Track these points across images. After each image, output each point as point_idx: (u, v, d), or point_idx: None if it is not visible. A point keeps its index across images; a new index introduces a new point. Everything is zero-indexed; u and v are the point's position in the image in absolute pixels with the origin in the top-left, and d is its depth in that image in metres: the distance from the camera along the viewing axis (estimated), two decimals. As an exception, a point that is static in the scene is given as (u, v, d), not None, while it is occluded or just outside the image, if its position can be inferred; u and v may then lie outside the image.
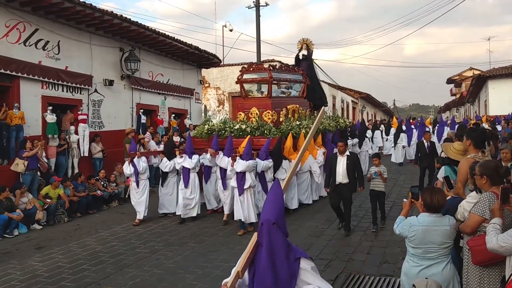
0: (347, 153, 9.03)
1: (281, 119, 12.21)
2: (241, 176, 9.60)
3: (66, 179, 12.08)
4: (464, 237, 4.09)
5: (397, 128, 19.70)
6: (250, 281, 2.78)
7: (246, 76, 12.93)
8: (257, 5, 22.58)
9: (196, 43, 19.43)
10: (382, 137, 22.73)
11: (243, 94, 13.00)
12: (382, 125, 25.16)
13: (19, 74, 11.76)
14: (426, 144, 12.69)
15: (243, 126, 11.45)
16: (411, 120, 24.07)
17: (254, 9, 22.66)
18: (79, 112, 13.71)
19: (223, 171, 10.24)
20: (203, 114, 21.40)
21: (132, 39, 15.84)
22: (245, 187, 9.58)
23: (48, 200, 11.10)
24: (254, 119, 11.90)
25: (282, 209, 2.81)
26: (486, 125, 18.31)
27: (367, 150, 16.73)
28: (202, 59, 20.38)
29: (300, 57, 15.47)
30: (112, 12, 13.98)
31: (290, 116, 12.62)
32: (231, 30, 30.37)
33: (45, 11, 12.42)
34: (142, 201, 10.76)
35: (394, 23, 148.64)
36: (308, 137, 3.80)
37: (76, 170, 13.05)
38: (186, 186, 10.49)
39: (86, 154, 13.57)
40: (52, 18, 12.82)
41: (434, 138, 20.39)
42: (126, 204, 12.43)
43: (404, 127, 19.95)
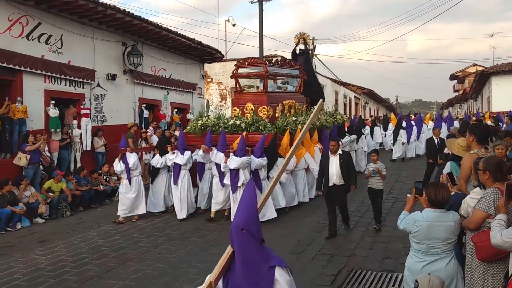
0: (340, 152, 8.54)
1: (277, 115, 11.98)
2: (235, 173, 9.38)
3: (69, 173, 12.11)
4: (467, 233, 4.08)
5: (397, 125, 19.48)
6: None
7: (242, 71, 12.68)
8: (260, 0, 22.51)
9: (199, 38, 19.47)
10: (381, 133, 22.54)
11: (238, 89, 12.82)
12: (376, 121, 24.93)
13: (22, 68, 11.75)
14: (436, 140, 12.64)
15: (238, 122, 11.18)
16: (412, 116, 23.86)
17: (257, 4, 22.59)
18: (82, 107, 13.72)
19: (220, 167, 9.87)
20: (206, 109, 21.38)
21: (135, 34, 15.82)
22: (239, 185, 9.36)
23: (51, 194, 11.13)
24: (249, 115, 11.64)
25: (254, 213, 2.58)
26: (489, 122, 18.24)
27: (363, 148, 16.42)
28: (205, 54, 20.34)
29: (297, 52, 15.18)
30: (115, 7, 13.95)
31: (286, 112, 12.36)
32: (234, 25, 30.30)
33: (48, 5, 12.39)
34: (139, 198, 10.46)
35: (397, 19, 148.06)
36: (303, 130, 3.67)
37: (79, 164, 13.08)
38: (176, 183, 10.32)
39: (89, 149, 13.60)
40: (55, 12, 12.80)
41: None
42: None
43: (405, 124, 19.76)
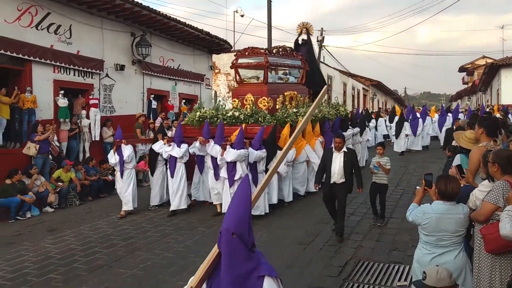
0: (344, 149, 8.02)
1: (278, 106, 11.68)
2: (232, 166, 9.11)
3: (78, 163, 12.20)
4: (476, 225, 4.08)
5: (400, 117, 18.99)
6: None
7: (241, 61, 12.40)
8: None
9: (207, 29, 19.45)
10: (386, 126, 22.32)
11: (238, 80, 12.54)
12: (381, 113, 24.64)
13: (31, 58, 11.80)
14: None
15: (236, 113, 10.88)
16: (416, 108, 23.65)
17: (266, -6, 22.41)
18: (91, 97, 13.78)
19: (215, 160, 9.62)
20: (213, 100, 21.39)
21: (144, 24, 15.81)
22: (236, 178, 9.08)
23: (60, 184, 11.22)
24: (249, 106, 11.36)
25: (246, 216, 2.38)
26: (498, 114, 18.08)
27: (368, 139, 16.08)
28: (213, 45, 20.31)
29: (300, 42, 14.87)
30: (124, -3, 13.95)
31: (287, 103, 12.03)
32: (243, 16, 30.10)
33: (57, -5, 12.43)
34: (129, 193, 10.13)
35: (407, 10, 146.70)
36: (306, 117, 3.52)
37: (87, 155, 13.17)
38: (172, 176, 10.04)
39: (98, 139, 13.68)
40: (64, 2, 12.81)
41: (436, 127, 20.18)
42: (138, 188, 12.46)
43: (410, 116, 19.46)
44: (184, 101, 18.92)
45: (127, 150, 10.17)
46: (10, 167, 10.28)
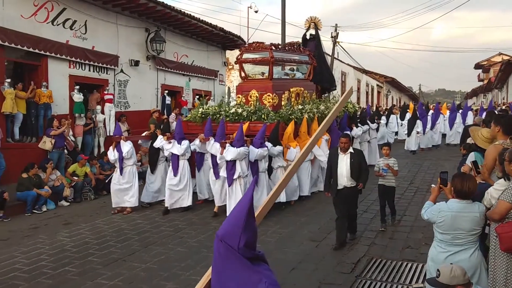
0: (351, 150, 7.41)
1: (283, 103, 11.39)
2: (231, 165, 8.74)
3: (93, 158, 12.33)
4: (491, 224, 4.05)
5: (413, 114, 18.43)
6: None
7: (246, 56, 12.09)
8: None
9: (221, 24, 19.42)
10: (397, 123, 21.81)
11: (243, 75, 12.23)
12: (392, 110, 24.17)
13: (47, 53, 11.95)
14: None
15: (239, 110, 10.57)
16: (431, 106, 23.21)
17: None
18: (105, 92, 13.92)
19: (215, 159, 9.29)
20: (227, 96, 21.43)
21: (158, 20, 15.89)
22: (235, 177, 8.73)
23: (75, 178, 11.36)
24: (253, 103, 11.04)
25: (239, 220, 2.17)
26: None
27: (375, 137, 15.55)
28: (227, 41, 20.34)
29: (308, 37, 14.51)
30: (138, -8, 14.03)
31: (293, 100, 11.75)
32: (257, 12, 29.99)
33: (73, -10, 12.54)
34: (130, 189, 9.88)
35: (422, 6, 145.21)
36: (326, 121, 3.47)
37: (102, 149, 13.29)
38: (175, 174, 9.67)
39: (112, 134, 13.78)
40: (79, -2, 12.95)
41: (446, 124, 19.83)
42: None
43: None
44: (198, 97, 18.98)
45: (126, 147, 9.89)
46: (27, 161, 10.42)
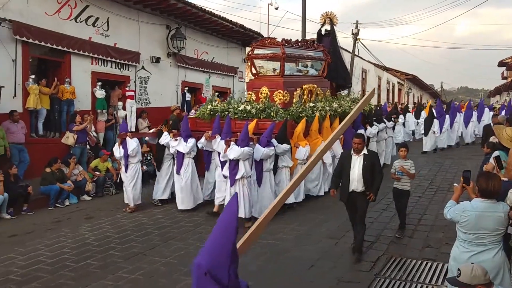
0: (364, 152, 6.81)
1: (295, 100, 10.99)
2: (234, 164, 8.41)
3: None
4: (515, 224, 4.01)
5: (429, 114, 17.55)
6: None
7: (258, 52, 11.75)
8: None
9: (241, 21, 19.44)
10: (413, 121, 21.17)
11: (254, 72, 11.92)
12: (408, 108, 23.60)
13: (70, 50, 12.13)
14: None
15: (248, 107, 10.31)
16: (456, 103, 22.69)
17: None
18: (127, 89, 14.08)
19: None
20: (245, 93, 21.46)
21: (179, 17, 15.99)
22: (237, 177, 8.37)
23: (97, 173, 11.52)
24: (262, 100, 10.72)
25: (227, 250, 1.98)
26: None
27: (391, 136, 15.03)
28: (247, 38, 20.34)
29: (323, 33, 14.15)
30: (160, -11, 14.14)
31: (306, 97, 11.39)
32: (277, 8, 29.94)
33: (96, -12, 12.70)
34: (132, 188, 9.76)
35: (445, 3, 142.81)
36: (345, 121, 3.33)
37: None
38: (178, 172, 9.53)
39: (133, 130, 13.94)
40: (102, -5, 13.11)
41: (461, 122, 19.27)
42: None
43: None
44: (217, 94, 19.05)
45: (132, 144, 9.74)
46: (50, 156, 10.61)
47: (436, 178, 12.40)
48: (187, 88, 16.88)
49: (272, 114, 10.06)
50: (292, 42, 11.78)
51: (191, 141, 9.52)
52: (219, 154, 9.05)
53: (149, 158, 13.27)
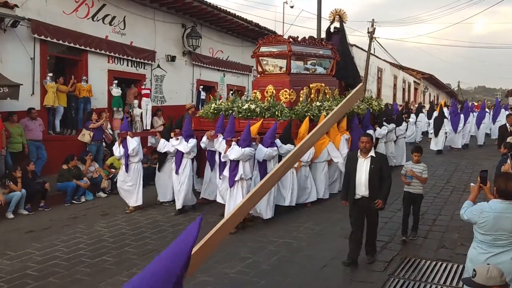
0: (372, 154, 6.29)
1: (301, 99, 10.71)
2: (235, 165, 8.14)
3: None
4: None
5: (439, 114, 17.14)
6: None
7: (263, 49, 11.50)
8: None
9: (256, 20, 19.45)
10: (426, 122, 20.63)
11: (259, 70, 11.70)
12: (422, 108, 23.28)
13: (87, 48, 12.29)
14: (510, 129, 11.76)
15: (252, 106, 10.05)
16: (475, 103, 22.39)
17: (316, -15, 22.16)
18: (143, 87, 14.20)
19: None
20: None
21: (194, 16, 16.07)
22: (236, 179, 8.11)
23: (113, 170, 11.62)
24: (267, 99, 10.45)
25: (174, 276, 1.89)
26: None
27: (404, 136, 14.71)
28: (262, 36, 20.29)
29: (332, 30, 13.76)
30: (176, -12, 14.22)
31: (313, 96, 11.08)
32: (292, 7, 29.90)
33: (112, -13, 12.82)
34: (133, 188, 9.62)
35: (462, 1, 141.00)
36: (328, 117, 3.30)
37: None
38: (177, 172, 9.35)
39: (149, 128, 14.06)
40: (119, -6, 13.23)
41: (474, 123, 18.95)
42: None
43: (446, 112, 17.75)
44: (232, 92, 19.09)
45: (132, 144, 9.56)
46: (67, 153, 10.74)
47: (452, 179, 12.27)
48: (202, 87, 16.96)
49: (277, 113, 9.83)
50: (299, 40, 11.49)
51: (192, 141, 9.37)
52: (219, 154, 8.89)
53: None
